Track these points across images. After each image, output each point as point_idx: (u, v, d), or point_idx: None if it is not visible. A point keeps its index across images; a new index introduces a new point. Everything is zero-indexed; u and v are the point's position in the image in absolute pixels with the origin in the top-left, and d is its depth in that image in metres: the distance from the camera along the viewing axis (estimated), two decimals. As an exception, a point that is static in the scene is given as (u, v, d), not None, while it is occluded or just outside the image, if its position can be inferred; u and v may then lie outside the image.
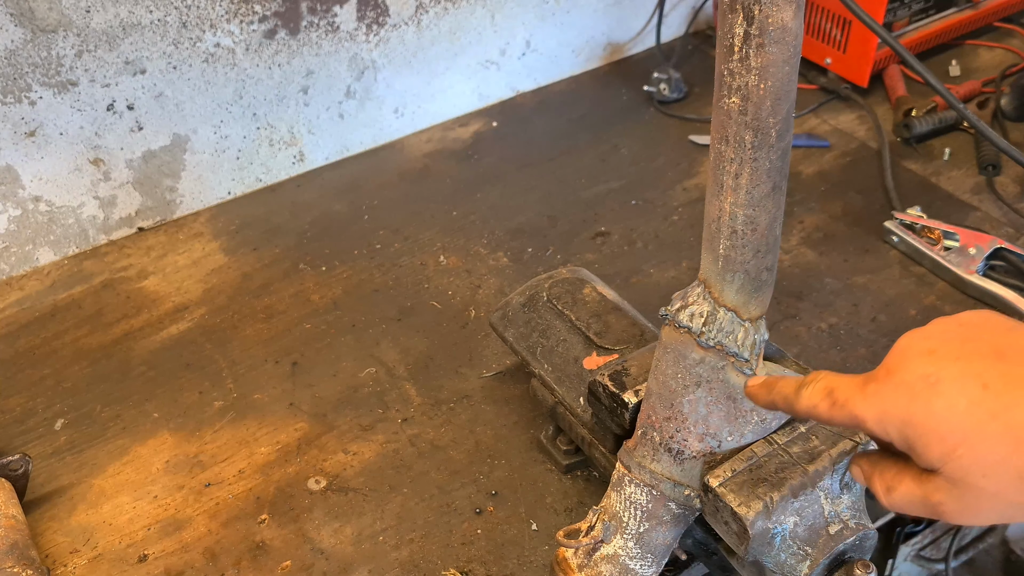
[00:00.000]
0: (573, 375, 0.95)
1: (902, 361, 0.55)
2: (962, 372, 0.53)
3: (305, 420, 1.08)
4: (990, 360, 0.53)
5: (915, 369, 0.54)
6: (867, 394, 0.56)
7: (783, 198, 0.69)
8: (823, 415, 0.59)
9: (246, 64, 1.31)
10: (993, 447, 0.51)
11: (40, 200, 1.26)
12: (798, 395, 0.61)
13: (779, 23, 0.62)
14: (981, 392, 0.51)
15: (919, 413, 0.53)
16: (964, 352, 0.54)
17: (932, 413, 0.52)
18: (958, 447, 0.51)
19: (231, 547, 0.95)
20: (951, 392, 0.52)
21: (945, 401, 0.52)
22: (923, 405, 0.53)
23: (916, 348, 0.55)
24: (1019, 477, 0.51)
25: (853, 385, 0.57)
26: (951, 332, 0.55)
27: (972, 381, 0.52)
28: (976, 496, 0.52)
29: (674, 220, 1.33)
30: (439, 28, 1.45)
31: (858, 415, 0.56)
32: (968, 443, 0.51)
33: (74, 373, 1.15)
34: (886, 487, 0.57)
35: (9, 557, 0.87)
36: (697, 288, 0.73)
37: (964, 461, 0.52)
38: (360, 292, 1.25)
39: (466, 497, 0.98)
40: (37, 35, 1.15)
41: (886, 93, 1.53)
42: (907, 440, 0.54)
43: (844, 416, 0.57)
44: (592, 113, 1.56)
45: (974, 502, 0.53)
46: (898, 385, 0.54)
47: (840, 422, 0.58)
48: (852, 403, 0.57)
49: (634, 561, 0.79)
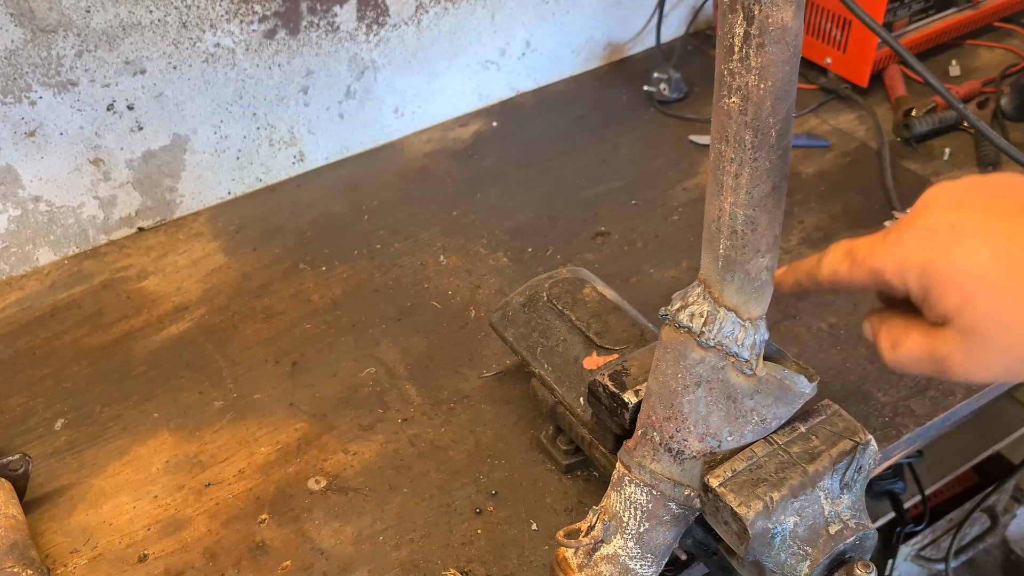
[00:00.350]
0: (573, 375, 0.95)
1: (926, 210, 0.54)
2: (988, 224, 0.51)
3: (305, 420, 1.08)
4: (1018, 216, 0.51)
5: (939, 218, 0.53)
6: (887, 244, 0.55)
7: (783, 198, 0.69)
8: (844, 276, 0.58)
9: (246, 64, 1.31)
10: (1010, 298, 0.50)
11: (40, 200, 1.26)
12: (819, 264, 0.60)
13: (779, 23, 0.62)
14: (1006, 244, 0.50)
15: (939, 260, 0.52)
16: (992, 206, 0.52)
17: (952, 261, 0.51)
18: (975, 296, 0.50)
19: (231, 547, 0.95)
20: (974, 242, 0.51)
21: (967, 250, 0.51)
22: (943, 252, 0.52)
23: (942, 199, 0.54)
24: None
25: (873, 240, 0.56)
26: (981, 188, 0.54)
27: (997, 233, 0.51)
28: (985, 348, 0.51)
29: (674, 220, 1.33)
30: (439, 28, 1.45)
31: (877, 266, 0.55)
32: (985, 293, 0.50)
33: (74, 373, 1.15)
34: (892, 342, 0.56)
35: (9, 557, 0.87)
36: (697, 288, 0.73)
37: (979, 311, 0.51)
38: (360, 292, 1.25)
39: (466, 497, 0.98)
40: (37, 35, 1.15)
41: (886, 93, 1.53)
42: (924, 288, 0.53)
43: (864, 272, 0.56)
44: (592, 113, 1.56)
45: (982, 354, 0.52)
46: (920, 232, 0.53)
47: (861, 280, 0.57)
48: (872, 256, 0.56)
49: (634, 561, 0.79)
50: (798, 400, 0.76)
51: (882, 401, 1.04)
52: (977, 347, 0.52)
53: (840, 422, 0.78)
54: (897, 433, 1.00)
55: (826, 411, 0.79)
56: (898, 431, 1.00)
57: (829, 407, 0.79)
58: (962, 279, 0.51)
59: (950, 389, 1.04)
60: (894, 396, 1.04)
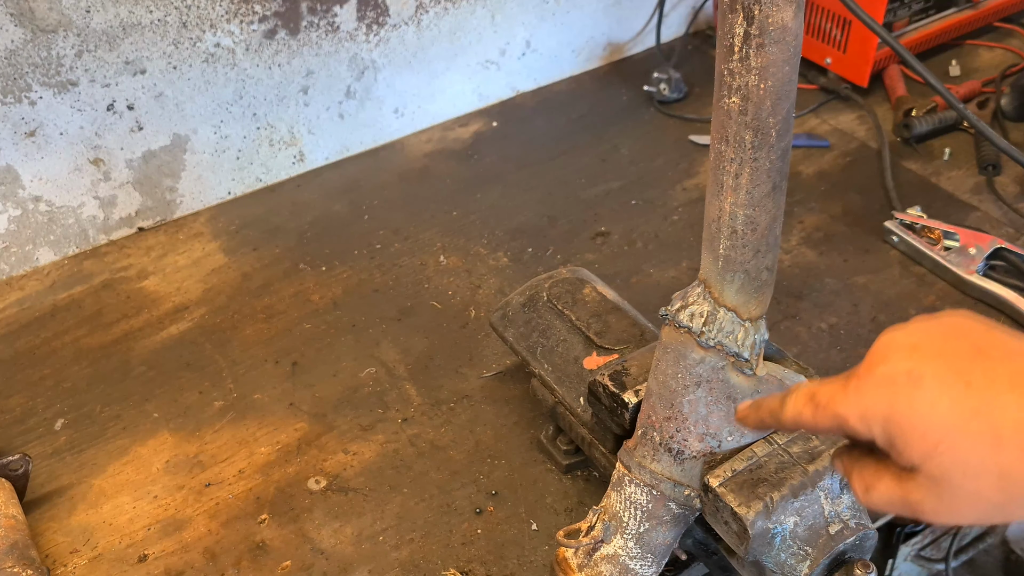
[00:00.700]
0: (573, 375, 0.95)
1: (884, 357, 0.55)
2: (945, 369, 0.52)
3: (305, 420, 1.08)
4: (972, 358, 0.52)
5: (897, 365, 0.53)
6: (848, 392, 0.55)
7: (783, 198, 0.69)
8: (808, 421, 0.59)
9: (246, 64, 1.31)
10: (974, 446, 0.50)
11: (40, 200, 1.26)
12: (783, 406, 0.61)
13: (779, 23, 0.62)
14: (964, 390, 0.51)
15: (901, 410, 0.52)
16: (946, 349, 0.53)
17: (914, 410, 0.52)
18: (939, 444, 0.51)
19: (231, 547, 0.95)
20: (933, 389, 0.52)
21: (927, 398, 0.52)
22: (905, 402, 0.52)
23: (898, 344, 0.55)
24: (1000, 476, 0.50)
25: (834, 386, 0.57)
26: (933, 329, 0.55)
27: (954, 378, 0.52)
28: (956, 495, 0.52)
29: (674, 220, 1.33)
30: (439, 28, 1.45)
31: (841, 413, 0.56)
32: (949, 441, 0.51)
33: (74, 373, 1.15)
34: (865, 486, 0.57)
35: (9, 557, 0.87)
36: (697, 288, 0.73)
37: (945, 459, 0.51)
38: (360, 292, 1.25)
39: (466, 497, 0.98)
40: (37, 35, 1.15)
41: (886, 93, 1.53)
42: (889, 437, 0.53)
43: (828, 418, 0.57)
44: (592, 113, 1.56)
45: (953, 501, 0.52)
46: (880, 381, 0.54)
47: (825, 426, 0.58)
48: (834, 403, 0.56)
49: (634, 561, 0.79)
50: (798, 400, 0.76)
51: (882, 401, 1.03)
52: (947, 495, 0.52)
53: (840, 422, 0.78)
54: (897, 433, 1.00)
55: (826, 411, 0.79)
56: (898, 431, 1.00)
57: (829, 407, 0.79)
58: (925, 428, 0.52)
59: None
60: (894, 396, 1.04)
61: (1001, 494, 0.51)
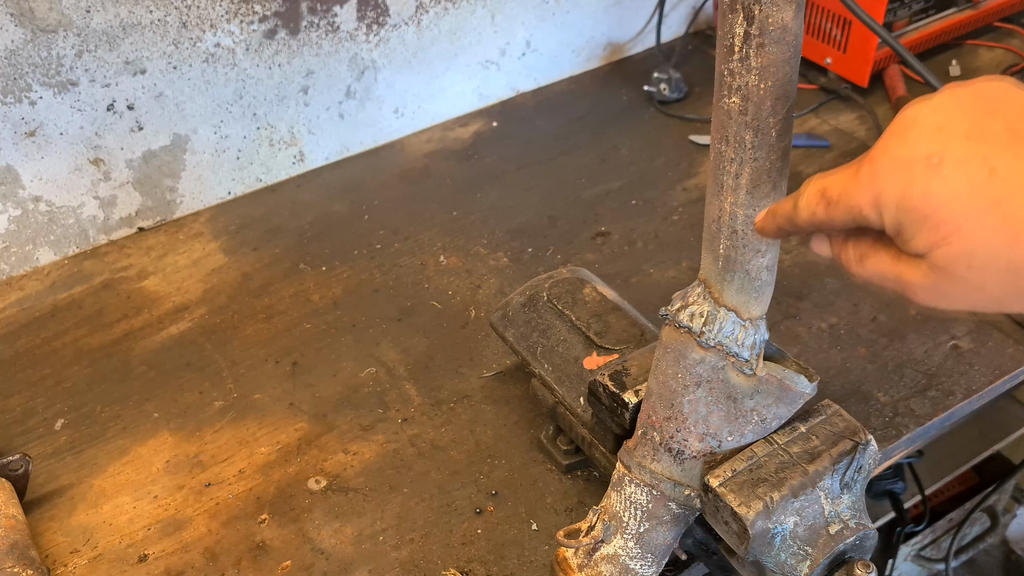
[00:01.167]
0: (573, 375, 0.95)
1: (903, 137, 0.51)
2: (970, 153, 0.48)
3: (305, 420, 1.08)
4: (1003, 142, 0.48)
5: (918, 146, 0.50)
6: (861, 179, 0.52)
7: (783, 198, 0.69)
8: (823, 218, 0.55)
9: (246, 64, 1.31)
10: (988, 237, 0.47)
11: (40, 200, 1.26)
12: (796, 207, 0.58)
13: (779, 23, 0.62)
14: (987, 178, 0.47)
15: (916, 195, 0.49)
16: (976, 131, 0.49)
17: (929, 196, 0.49)
18: (951, 235, 0.48)
19: (231, 547, 0.95)
20: (954, 175, 0.48)
21: (946, 184, 0.48)
22: (921, 186, 0.49)
23: (922, 122, 0.50)
24: (1007, 271, 0.48)
25: (846, 176, 0.54)
26: (965, 105, 0.50)
27: (979, 164, 0.48)
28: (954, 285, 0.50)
29: (674, 220, 1.33)
30: (439, 28, 1.45)
31: (854, 204, 0.52)
32: (962, 232, 0.48)
33: (74, 373, 1.15)
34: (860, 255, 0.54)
35: (9, 557, 0.87)
36: (697, 288, 0.73)
37: (954, 250, 0.48)
38: (360, 292, 1.25)
39: (466, 497, 0.98)
40: (37, 35, 1.15)
41: (886, 93, 1.53)
42: (899, 224, 0.50)
43: (842, 211, 0.53)
44: (592, 113, 1.56)
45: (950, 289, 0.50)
46: (896, 164, 0.50)
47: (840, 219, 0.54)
48: (847, 194, 0.53)
49: (634, 561, 0.79)
50: (798, 400, 0.76)
51: (882, 401, 1.04)
52: (945, 283, 0.50)
53: (840, 422, 0.78)
54: (897, 433, 1.00)
55: (826, 411, 0.79)
56: (898, 431, 1.00)
57: (829, 407, 0.79)
58: (939, 216, 0.48)
59: (950, 389, 1.05)
60: (894, 396, 1.04)
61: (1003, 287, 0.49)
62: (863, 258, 0.54)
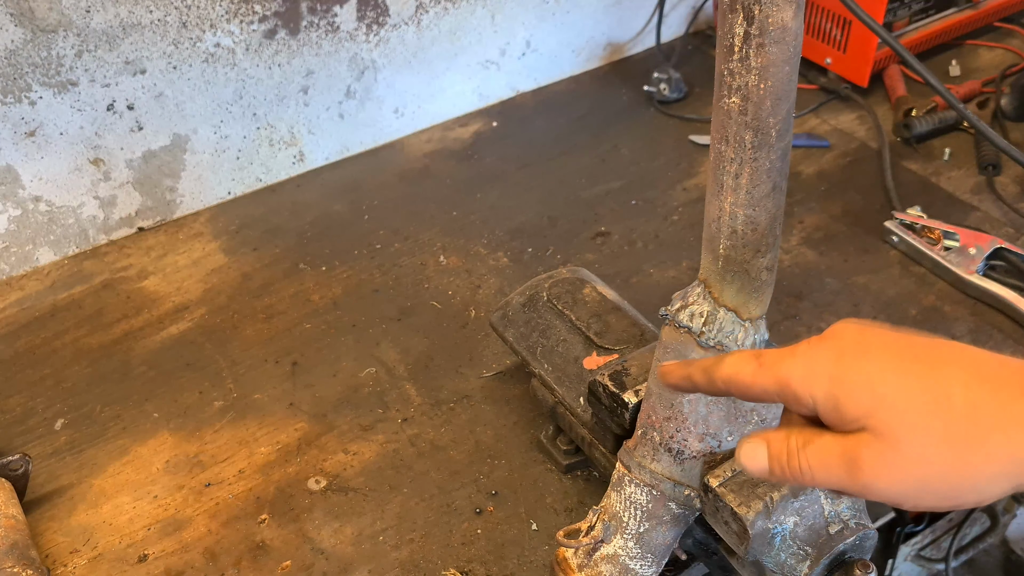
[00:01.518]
0: (573, 375, 0.95)
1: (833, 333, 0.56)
2: (894, 343, 0.54)
3: (305, 420, 1.08)
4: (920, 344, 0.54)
5: (847, 337, 0.55)
6: (796, 355, 0.55)
7: (783, 198, 0.69)
8: (747, 379, 0.57)
9: (246, 64, 1.31)
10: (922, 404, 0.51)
11: (40, 200, 1.26)
12: (719, 362, 0.59)
13: (779, 23, 0.62)
14: (911, 362, 0.52)
15: (849, 370, 0.53)
16: (895, 334, 0.55)
17: (861, 370, 0.53)
18: (885, 398, 0.51)
19: (231, 547, 0.95)
20: (882, 356, 0.53)
21: (875, 362, 0.53)
22: (852, 363, 0.53)
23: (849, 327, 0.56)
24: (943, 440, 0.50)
25: (782, 351, 0.57)
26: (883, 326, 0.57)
27: (904, 351, 0.53)
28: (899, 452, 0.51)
29: (674, 220, 1.33)
30: (439, 28, 1.45)
31: (784, 374, 0.55)
32: (898, 396, 0.51)
33: (74, 373, 1.15)
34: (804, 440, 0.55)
35: (9, 557, 0.87)
36: (697, 288, 0.73)
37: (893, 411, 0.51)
38: (360, 292, 1.25)
39: (466, 497, 0.98)
40: (37, 35, 1.15)
41: (886, 93, 1.53)
42: (833, 397, 0.53)
43: (770, 378, 0.56)
44: (592, 113, 1.56)
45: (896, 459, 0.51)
46: (829, 347, 0.55)
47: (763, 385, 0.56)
48: (780, 363, 0.56)
49: (634, 561, 0.79)
50: (798, 400, 0.76)
51: (882, 401, 1.03)
52: (891, 451, 0.51)
53: (840, 422, 0.78)
54: (897, 433, 1.00)
55: (826, 411, 0.79)
56: (898, 431, 1.00)
57: (829, 407, 0.79)
58: (873, 383, 0.52)
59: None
60: (894, 396, 1.04)
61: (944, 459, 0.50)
62: (807, 444, 0.55)
